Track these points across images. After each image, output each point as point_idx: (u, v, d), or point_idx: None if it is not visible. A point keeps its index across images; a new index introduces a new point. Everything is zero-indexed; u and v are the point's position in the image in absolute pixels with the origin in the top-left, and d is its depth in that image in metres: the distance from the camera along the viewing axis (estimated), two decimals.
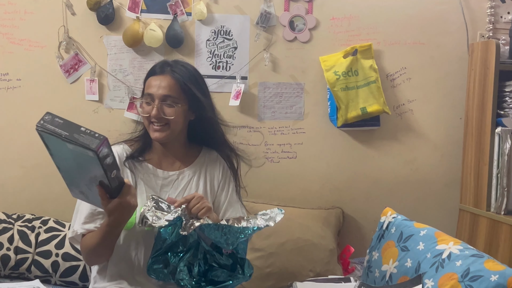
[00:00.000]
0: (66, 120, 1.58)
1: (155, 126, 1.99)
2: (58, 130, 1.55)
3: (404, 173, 3.21)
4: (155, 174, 2.06)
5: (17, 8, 2.92)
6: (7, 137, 2.97)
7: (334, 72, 3.03)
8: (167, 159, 2.09)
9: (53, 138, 1.57)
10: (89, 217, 1.94)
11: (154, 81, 2.00)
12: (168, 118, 1.97)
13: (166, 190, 2.04)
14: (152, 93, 1.98)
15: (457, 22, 3.15)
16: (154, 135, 2.00)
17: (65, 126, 1.56)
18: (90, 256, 1.95)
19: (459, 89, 3.17)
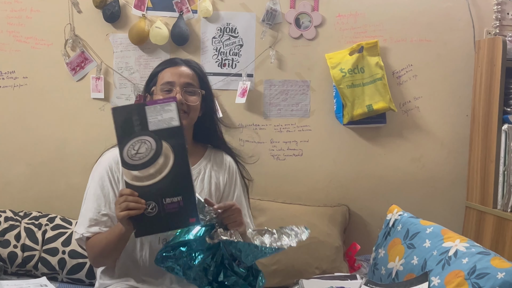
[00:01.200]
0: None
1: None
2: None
3: (410, 170, 3.20)
4: None
5: (23, 6, 2.92)
6: (13, 135, 2.98)
7: (340, 70, 3.03)
8: None
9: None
10: (94, 220, 1.93)
11: (174, 70, 2.00)
12: (190, 105, 1.97)
13: None
14: (174, 80, 1.97)
15: (464, 19, 3.14)
16: None
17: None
18: (98, 258, 1.95)
19: (466, 86, 3.16)
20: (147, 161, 1.64)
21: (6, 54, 2.94)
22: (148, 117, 1.65)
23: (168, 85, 1.97)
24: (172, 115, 1.66)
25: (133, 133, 1.65)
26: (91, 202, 1.95)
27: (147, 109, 1.65)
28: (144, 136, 1.65)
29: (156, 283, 1.95)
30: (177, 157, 1.65)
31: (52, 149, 3.00)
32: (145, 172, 1.64)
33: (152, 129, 1.65)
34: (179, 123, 1.65)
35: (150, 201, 1.64)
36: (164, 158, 1.64)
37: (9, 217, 2.76)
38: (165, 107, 1.66)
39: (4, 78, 2.94)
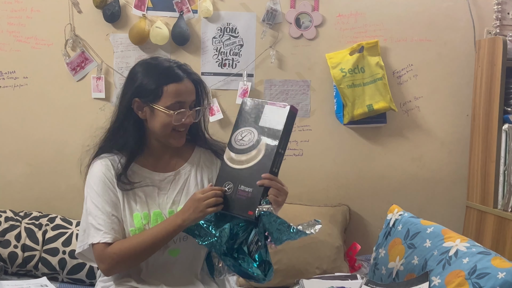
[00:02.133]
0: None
1: (181, 132, 1.92)
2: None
3: (411, 170, 3.20)
4: (151, 178, 1.96)
5: (23, 6, 2.93)
6: (14, 135, 2.98)
7: (340, 69, 3.03)
8: (163, 160, 1.99)
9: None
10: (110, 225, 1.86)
11: (181, 87, 1.88)
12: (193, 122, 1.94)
13: (164, 192, 1.96)
14: (185, 100, 1.88)
15: (464, 19, 3.14)
16: (176, 142, 1.92)
17: None
18: (130, 261, 1.86)
19: (466, 86, 3.16)
20: (245, 149, 1.84)
21: (7, 54, 2.94)
22: (263, 113, 1.84)
23: (179, 105, 1.87)
24: (280, 120, 1.80)
25: (247, 123, 1.86)
26: (99, 210, 1.86)
27: (266, 107, 1.84)
28: (253, 128, 1.84)
29: (156, 284, 1.95)
30: (265, 155, 1.80)
31: (53, 149, 3.01)
32: (239, 157, 1.83)
33: (261, 125, 1.83)
34: (282, 128, 1.79)
35: (229, 181, 1.82)
36: (257, 152, 1.81)
37: (10, 217, 2.76)
38: (279, 111, 1.82)
39: (4, 78, 2.94)
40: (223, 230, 1.82)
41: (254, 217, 1.77)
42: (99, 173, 1.90)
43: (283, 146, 1.82)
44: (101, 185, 1.88)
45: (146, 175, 1.95)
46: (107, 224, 1.85)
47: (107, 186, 1.89)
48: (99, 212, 1.86)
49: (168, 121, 1.86)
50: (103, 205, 1.86)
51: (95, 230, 1.84)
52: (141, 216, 1.90)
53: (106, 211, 1.86)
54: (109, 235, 1.84)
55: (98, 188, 1.88)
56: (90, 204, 1.88)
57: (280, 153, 1.81)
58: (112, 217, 1.87)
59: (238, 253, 1.85)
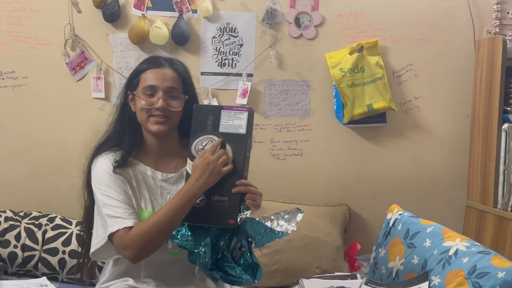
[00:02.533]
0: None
1: (156, 118, 1.91)
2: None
3: (411, 170, 3.20)
4: (154, 176, 1.98)
5: (23, 6, 2.93)
6: (13, 135, 2.98)
7: (340, 69, 3.03)
8: (163, 160, 2.01)
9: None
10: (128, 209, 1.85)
11: (156, 73, 1.94)
12: (172, 110, 1.93)
13: (166, 192, 1.98)
14: (156, 84, 1.92)
15: (464, 18, 3.14)
16: (154, 127, 1.92)
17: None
18: (158, 239, 1.82)
19: (466, 86, 3.16)
20: None
21: (6, 54, 2.94)
22: (221, 119, 1.82)
23: (150, 89, 1.92)
24: (242, 123, 1.80)
25: (205, 131, 1.82)
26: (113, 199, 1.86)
27: (222, 113, 1.82)
28: (213, 135, 1.82)
29: (155, 284, 1.95)
30: (234, 161, 1.80)
31: (52, 149, 3.00)
32: None
33: (221, 131, 1.81)
34: (245, 132, 1.80)
35: (201, 196, 1.80)
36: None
37: (9, 217, 2.76)
38: (238, 114, 1.81)
39: (4, 78, 2.94)
40: (207, 245, 1.81)
41: (236, 225, 1.77)
42: (104, 166, 1.91)
43: (249, 149, 1.84)
44: (110, 177, 1.89)
45: (149, 174, 1.97)
46: (123, 210, 1.84)
47: (116, 177, 1.89)
48: (113, 201, 1.85)
49: (142, 105, 1.91)
50: (116, 195, 1.86)
51: (113, 219, 1.83)
52: (146, 214, 1.91)
53: (120, 199, 1.86)
54: (128, 220, 1.82)
55: (107, 179, 1.88)
56: (101, 196, 1.87)
57: (247, 156, 1.82)
58: (127, 205, 1.86)
59: (223, 262, 1.84)
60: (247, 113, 1.80)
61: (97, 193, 1.89)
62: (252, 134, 1.85)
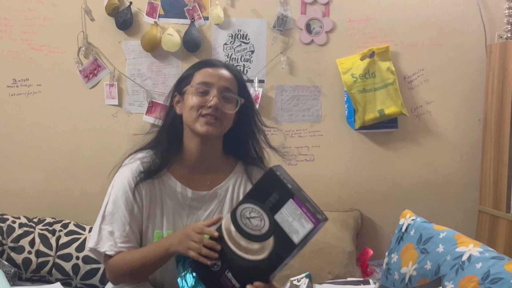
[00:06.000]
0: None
1: (207, 119, 1.73)
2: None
3: (423, 174, 3.19)
4: (184, 193, 1.81)
5: (37, 15, 2.96)
6: (27, 142, 3.01)
7: (351, 75, 3.03)
8: (197, 175, 1.83)
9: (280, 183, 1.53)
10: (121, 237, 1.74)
11: (212, 71, 1.77)
12: (225, 112, 1.75)
13: (193, 212, 1.82)
14: (212, 82, 1.75)
15: (475, 23, 3.13)
16: (204, 128, 1.73)
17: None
18: (125, 277, 1.74)
19: (478, 90, 3.15)
20: (249, 234, 1.52)
21: (20, 62, 2.97)
22: (284, 207, 1.50)
23: (205, 85, 1.75)
24: (300, 231, 1.47)
25: (261, 203, 1.51)
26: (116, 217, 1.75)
27: (289, 202, 1.50)
28: (265, 215, 1.50)
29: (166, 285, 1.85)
30: (268, 259, 1.50)
31: (66, 155, 3.03)
32: (239, 239, 1.53)
33: (276, 219, 1.49)
34: (297, 243, 1.47)
35: (219, 259, 1.55)
36: (260, 248, 1.51)
37: (24, 223, 2.78)
38: (302, 220, 1.48)
39: (18, 85, 2.98)
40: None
41: None
42: (124, 180, 1.77)
43: (290, 258, 1.52)
44: (123, 194, 1.76)
45: (178, 190, 1.81)
46: (119, 234, 1.74)
47: (129, 195, 1.76)
48: (114, 219, 1.75)
49: (193, 103, 1.74)
50: (121, 214, 1.75)
51: (107, 238, 1.74)
52: (163, 235, 1.78)
53: (122, 220, 1.75)
54: (115, 249, 1.72)
55: (120, 195, 1.76)
56: (109, 206, 1.77)
57: (285, 263, 1.52)
58: (128, 227, 1.75)
59: None
60: (312, 226, 1.46)
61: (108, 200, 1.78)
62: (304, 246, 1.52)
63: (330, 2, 3.08)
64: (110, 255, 1.74)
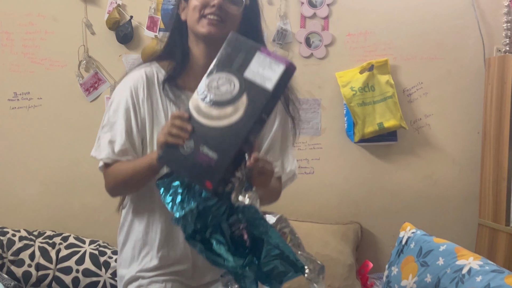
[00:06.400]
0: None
1: (209, 19, 1.67)
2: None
3: (422, 187, 3.20)
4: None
5: (38, 28, 2.98)
6: (28, 155, 3.02)
7: (350, 88, 3.05)
8: None
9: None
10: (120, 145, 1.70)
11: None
12: (229, 12, 1.68)
13: None
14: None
15: (474, 37, 3.15)
16: (205, 28, 1.67)
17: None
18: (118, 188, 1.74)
19: (477, 103, 3.16)
20: (219, 101, 1.45)
21: (21, 75, 2.99)
22: (252, 61, 1.45)
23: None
24: (272, 76, 1.42)
25: (229, 68, 1.46)
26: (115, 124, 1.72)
27: (257, 55, 1.45)
28: (234, 77, 1.46)
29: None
30: (243, 118, 1.43)
31: (66, 168, 3.04)
32: (209, 110, 1.46)
33: (246, 76, 1.45)
34: (271, 88, 1.42)
35: (191, 140, 1.45)
36: (233, 110, 1.44)
37: (24, 236, 2.79)
38: (273, 65, 1.43)
39: (19, 99, 2.99)
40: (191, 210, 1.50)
41: (213, 193, 1.46)
42: (126, 89, 1.74)
43: (268, 111, 1.46)
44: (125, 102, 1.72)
45: (183, 98, 1.76)
46: (117, 143, 1.71)
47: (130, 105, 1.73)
48: (114, 128, 1.72)
49: (195, 4, 1.68)
50: (120, 123, 1.71)
51: (105, 146, 1.71)
52: None
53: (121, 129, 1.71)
54: (112, 157, 1.70)
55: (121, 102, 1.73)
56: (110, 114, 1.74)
57: (263, 119, 1.45)
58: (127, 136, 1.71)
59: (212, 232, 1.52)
60: (284, 67, 1.42)
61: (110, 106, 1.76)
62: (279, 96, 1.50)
63: (329, 16, 3.10)
64: (108, 164, 1.72)
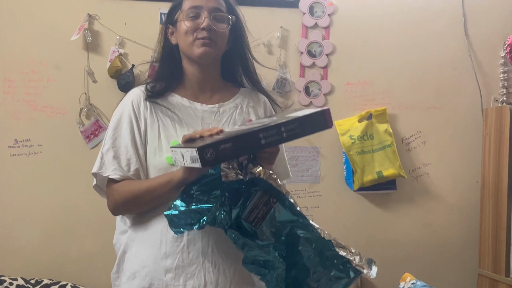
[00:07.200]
0: None
1: (202, 40, 1.75)
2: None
3: (422, 236, 3.19)
4: (193, 107, 1.81)
5: (40, 76, 3.01)
6: (27, 201, 3.01)
7: (349, 136, 3.07)
8: (204, 93, 1.84)
9: None
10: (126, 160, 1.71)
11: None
12: (218, 31, 1.77)
13: (208, 122, 1.79)
14: (201, 5, 1.77)
15: (471, 86, 3.19)
16: (200, 49, 1.75)
17: None
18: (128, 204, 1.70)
19: (475, 152, 3.18)
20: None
21: (22, 122, 3.00)
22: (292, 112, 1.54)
23: (195, 9, 1.77)
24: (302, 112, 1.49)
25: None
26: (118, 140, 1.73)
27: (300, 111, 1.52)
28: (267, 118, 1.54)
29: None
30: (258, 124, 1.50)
31: (65, 214, 3.03)
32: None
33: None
34: (301, 115, 1.47)
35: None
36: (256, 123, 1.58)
37: (21, 285, 2.76)
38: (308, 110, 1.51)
39: (19, 146, 3.00)
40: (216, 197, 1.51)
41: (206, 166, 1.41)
42: (127, 104, 1.78)
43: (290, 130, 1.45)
44: (127, 114, 1.76)
45: (187, 105, 1.81)
46: (122, 158, 1.71)
47: (132, 118, 1.75)
48: (117, 143, 1.73)
49: (186, 29, 1.76)
50: (124, 138, 1.73)
51: (110, 162, 1.71)
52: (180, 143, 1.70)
53: (124, 144, 1.72)
54: (119, 173, 1.70)
55: (123, 117, 1.76)
56: (110, 131, 1.76)
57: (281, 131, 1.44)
58: (132, 150, 1.72)
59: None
60: (316, 111, 1.48)
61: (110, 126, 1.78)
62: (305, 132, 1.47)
63: (328, 66, 3.14)
64: (115, 180, 1.71)
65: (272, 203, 1.53)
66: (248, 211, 1.54)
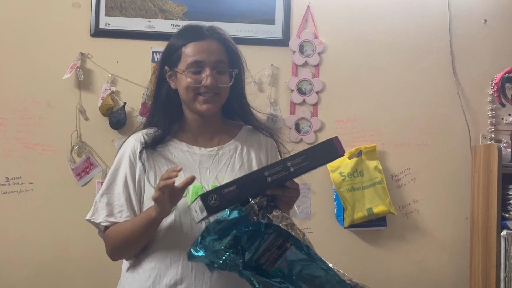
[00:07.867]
0: None
1: (205, 97, 1.74)
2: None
3: (412, 273, 3.19)
4: (191, 151, 1.79)
5: (32, 114, 3.02)
6: (17, 239, 3.00)
7: (339, 173, 3.09)
8: (204, 136, 1.83)
9: None
10: (119, 207, 1.74)
11: (200, 47, 1.74)
12: (221, 86, 1.75)
13: (205, 166, 1.77)
14: (203, 59, 1.73)
15: (460, 124, 3.21)
16: (204, 107, 1.74)
17: None
18: (118, 250, 1.74)
19: (464, 188, 3.19)
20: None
21: (13, 160, 3.01)
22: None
23: (196, 65, 1.73)
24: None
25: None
26: (113, 188, 1.75)
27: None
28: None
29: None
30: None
31: (55, 252, 3.02)
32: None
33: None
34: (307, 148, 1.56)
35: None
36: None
37: None
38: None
39: (10, 184, 3.00)
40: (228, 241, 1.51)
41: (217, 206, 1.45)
42: (125, 151, 1.79)
43: (297, 164, 1.52)
44: (123, 161, 1.77)
45: (185, 149, 1.80)
46: (115, 205, 1.73)
47: (128, 165, 1.76)
48: (111, 190, 1.75)
49: (187, 84, 1.74)
50: (118, 185, 1.75)
51: (102, 209, 1.74)
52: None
53: (118, 191, 1.74)
54: (109, 219, 1.72)
55: (119, 163, 1.77)
56: (107, 177, 1.78)
57: (287, 166, 1.51)
58: (125, 198, 1.73)
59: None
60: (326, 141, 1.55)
61: (108, 174, 1.79)
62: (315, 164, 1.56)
63: (318, 103, 3.17)
64: (106, 227, 1.73)
65: (287, 246, 1.54)
66: (260, 253, 1.54)
